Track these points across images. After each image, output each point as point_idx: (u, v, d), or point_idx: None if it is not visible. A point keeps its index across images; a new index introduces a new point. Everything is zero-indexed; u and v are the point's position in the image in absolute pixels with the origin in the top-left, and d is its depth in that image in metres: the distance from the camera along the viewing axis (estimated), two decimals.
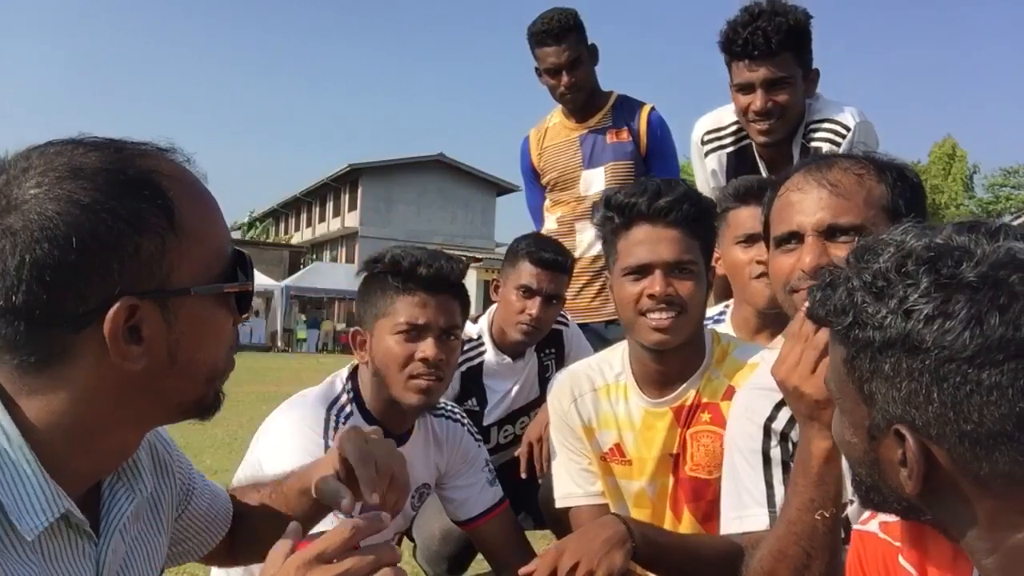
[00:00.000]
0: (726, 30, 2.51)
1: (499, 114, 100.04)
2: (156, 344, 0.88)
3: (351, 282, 21.48)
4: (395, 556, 0.94)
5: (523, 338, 2.64)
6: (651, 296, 1.75)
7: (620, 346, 2.00)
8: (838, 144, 2.54)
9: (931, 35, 77.00)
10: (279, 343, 28.28)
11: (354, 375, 2.01)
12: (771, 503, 1.48)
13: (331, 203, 44.07)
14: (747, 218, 2.24)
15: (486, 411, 2.74)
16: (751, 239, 2.22)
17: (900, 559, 1.03)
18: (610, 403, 1.95)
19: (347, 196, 42.16)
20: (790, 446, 1.49)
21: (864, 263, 0.83)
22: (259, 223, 48.73)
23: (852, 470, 0.94)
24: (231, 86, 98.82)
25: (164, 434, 1.16)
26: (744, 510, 1.52)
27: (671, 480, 1.90)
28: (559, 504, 1.99)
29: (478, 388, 2.73)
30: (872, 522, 1.11)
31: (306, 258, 39.92)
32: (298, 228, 49.88)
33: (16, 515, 0.84)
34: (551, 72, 3.24)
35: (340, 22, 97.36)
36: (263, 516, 1.30)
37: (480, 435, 2.29)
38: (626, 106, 3.37)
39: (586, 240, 3.26)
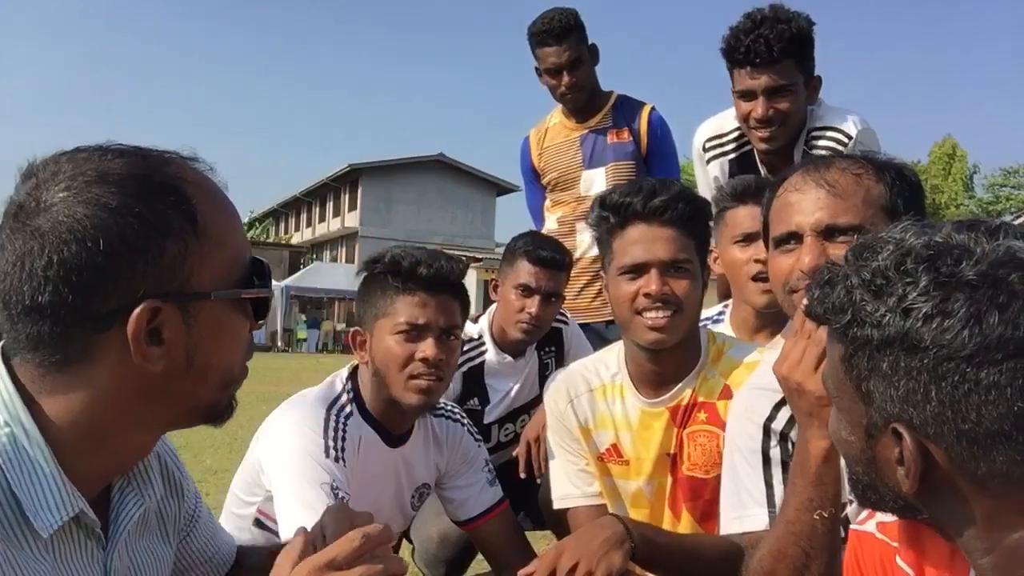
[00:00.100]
0: (728, 37, 2.49)
1: (499, 114, 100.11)
2: (175, 346, 0.90)
3: (351, 282, 21.47)
4: (402, 567, 0.95)
5: (523, 336, 2.64)
6: (647, 295, 1.75)
7: (616, 346, 2.00)
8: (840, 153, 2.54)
9: (931, 35, 77.06)
10: (279, 343, 28.27)
11: (354, 375, 2.01)
12: (771, 503, 1.48)
13: (331, 203, 44.04)
14: (744, 217, 2.24)
15: (487, 409, 2.75)
16: (749, 238, 2.22)
17: (897, 559, 1.03)
18: (607, 403, 1.95)
19: (347, 196, 42.13)
20: (790, 446, 1.49)
21: (863, 261, 0.83)
22: (259, 223, 48.65)
23: (849, 468, 0.94)
24: (231, 86, 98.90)
25: (175, 453, 1.17)
26: (744, 510, 1.53)
27: (669, 480, 1.90)
28: (557, 505, 1.99)
29: (480, 388, 2.73)
30: (869, 522, 1.11)
31: (306, 258, 39.91)
32: (298, 228, 49.86)
33: (32, 512, 0.85)
34: (551, 72, 3.24)
35: (340, 22, 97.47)
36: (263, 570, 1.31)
37: (481, 434, 2.29)
38: (626, 106, 3.37)
39: (587, 240, 3.25)
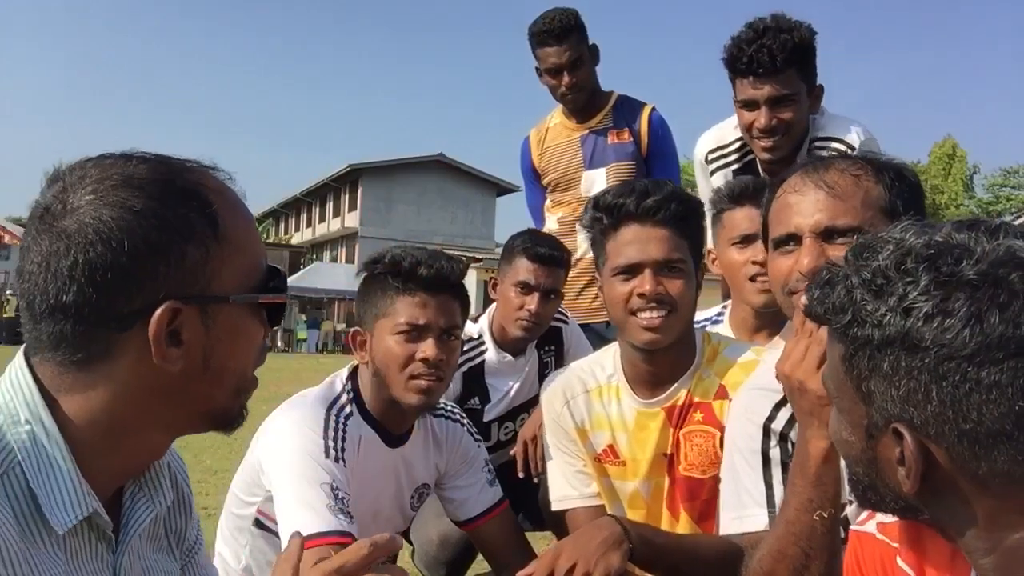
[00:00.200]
0: (730, 47, 2.47)
1: (499, 114, 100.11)
2: (194, 348, 0.92)
3: (351, 282, 21.49)
4: None
5: (523, 334, 2.64)
6: (641, 295, 1.76)
7: (612, 347, 2.00)
8: None
9: (931, 35, 77.07)
10: (279, 343, 28.28)
11: (354, 375, 2.01)
12: (771, 503, 1.48)
13: (331, 203, 44.04)
14: (742, 219, 2.24)
15: (486, 408, 2.74)
16: (746, 240, 2.22)
17: (898, 560, 1.03)
18: (603, 404, 1.95)
19: (347, 196, 42.13)
20: (789, 446, 1.48)
21: (863, 261, 0.83)
22: (259, 223, 48.68)
23: (849, 469, 0.94)
24: (231, 86, 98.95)
25: (185, 471, 1.18)
26: (744, 510, 1.53)
27: (666, 480, 1.90)
28: (555, 507, 1.99)
29: (480, 387, 2.73)
30: (870, 523, 1.11)
31: (306, 258, 39.97)
32: (298, 228, 49.87)
33: (48, 508, 0.86)
34: (552, 72, 3.24)
35: (340, 22, 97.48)
36: None
37: (480, 433, 2.29)
38: (627, 107, 3.37)
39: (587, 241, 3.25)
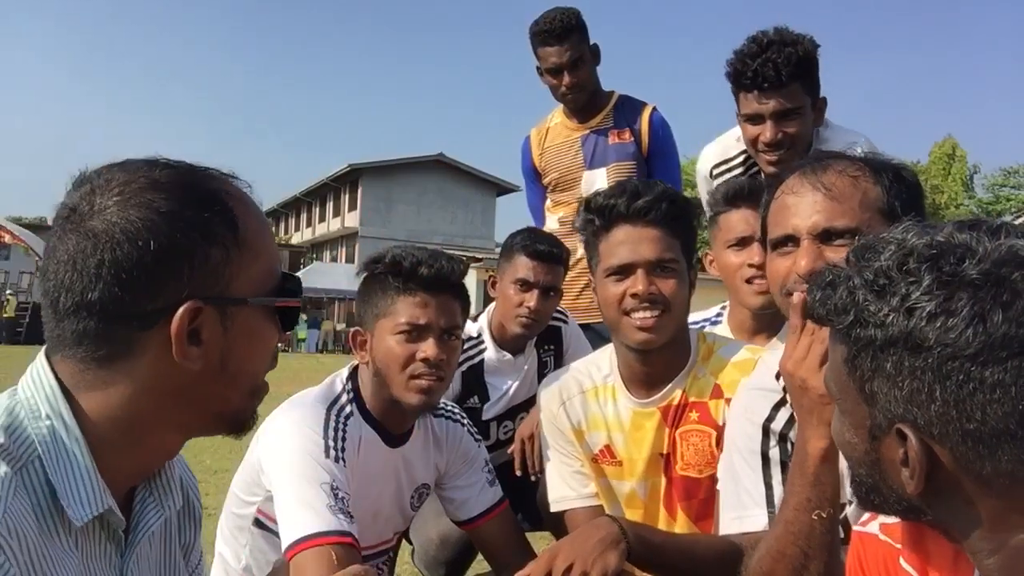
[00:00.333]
0: (734, 61, 2.45)
1: (499, 114, 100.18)
2: (212, 348, 0.94)
3: (351, 282, 21.48)
4: None
5: (522, 331, 2.64)
6: (634, 295, 1.76)
7: (608, 348, 2.00)
8: None
9: (931, 35, 77.11)
10: (279, 343, 28.26)
11: (354, 375, 2.01)
12: (770, 503, 1.48)
13: (331, 203, 44.03)
14: (738, 221, 2.24)
15: (485, 407, 2.74)
16: (743, 242, 2.22)
17: (901, 561, 1.03)
18: (599, 405, 1.96)
19: (347, 196, 42.12)
20: (789, 446, 1.48)
21: (865, 261, 0.82)
22: None
23: (852, 471, 0.93)
24: (231, 86, 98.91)
25: (196, 485, 1.21)
26: (743, 510, 1.53)
27: (663, 480, 1.91)
28: (554, 508, 1.99)
29: (480, 386, 2.73)
30: (872, 523, 1.10)
31: (306, 258, 39.97)
32: (298, 228, 49.86)
33: (66, 501, 0.88)
34: (553, 72, 3.23)
35: (341, 22, 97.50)
36: None
37: (479, 432, 2.29)
38: (627, 106, 3.37)
39: None
